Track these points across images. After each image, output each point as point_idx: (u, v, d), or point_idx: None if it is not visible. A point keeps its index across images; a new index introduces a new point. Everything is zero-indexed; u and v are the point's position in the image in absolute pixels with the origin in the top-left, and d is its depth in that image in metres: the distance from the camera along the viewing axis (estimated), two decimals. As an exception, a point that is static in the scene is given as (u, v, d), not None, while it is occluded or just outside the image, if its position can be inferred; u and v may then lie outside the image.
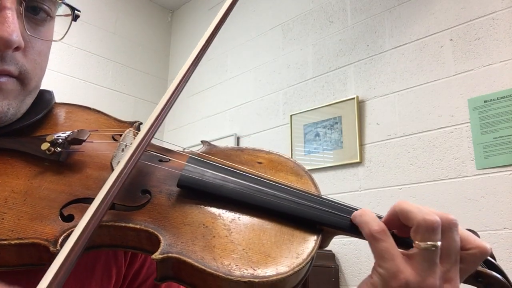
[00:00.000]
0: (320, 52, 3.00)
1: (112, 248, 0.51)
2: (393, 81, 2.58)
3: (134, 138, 0.59)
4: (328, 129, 2.81)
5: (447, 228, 0.45)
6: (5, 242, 0.45)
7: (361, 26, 2.81)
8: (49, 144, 0.54)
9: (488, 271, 0.50)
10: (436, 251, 0.44)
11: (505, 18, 2.22)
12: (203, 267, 0.44)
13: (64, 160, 0.55)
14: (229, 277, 0.43)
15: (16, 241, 0.45)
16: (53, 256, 0.44)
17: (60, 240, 0.46)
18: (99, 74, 3.71)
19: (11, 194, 0.50)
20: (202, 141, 0.64)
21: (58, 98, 0.69)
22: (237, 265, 0.44)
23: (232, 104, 3.51)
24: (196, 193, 0.52)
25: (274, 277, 0.44)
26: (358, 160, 2.60)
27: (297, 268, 0.45)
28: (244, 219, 0.50)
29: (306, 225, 0.50)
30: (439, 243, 0.44)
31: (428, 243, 0.44)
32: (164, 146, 0.62)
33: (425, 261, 0.44)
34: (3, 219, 0.47)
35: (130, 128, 0.60)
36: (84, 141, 0.55)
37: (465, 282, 0.49)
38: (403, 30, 2.60)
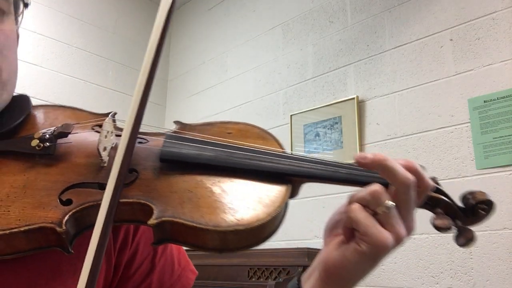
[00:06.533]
0: (320, 52, 3.00)
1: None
2: (393, 81, 2.58)
3: (114, 124, 0.66)
4: (328, 129, 2.81)
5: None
6: (15, 230, 0.51)
7: (361, 26, 2.81)
8: (38, 141, 0.59)
9: (433, 194, 0.57)
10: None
11: (505, 18, 2.22)
12: (194, 224, 0.50)
13: (53, 153, 0.60)
14: (217, 228, 0.50)
15: (25, 228, 0.51)
16: (60, 236, 0.51)
17: (64, 221, 0.51)
18: (99, 74, 3.71)
19: (11, 189, 0.55)
20: (175, 122, 0.69)
21: (58, 98, 0.72)
22: (222, 218, 0.51)
23: (232, 104, 3.51)
24: (177, 164, 0.58)
25: (255, 223, 0.51)
26: (358, 160, 2.60)
27: (273, 214, 0.52)
28: (223, 181, 0.56)
29: (277, 178, 0.56)
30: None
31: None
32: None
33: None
34: (8, 211, 0.52)
35: (109, 117, 0.65)
36: (69, 133, 0.61)
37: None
38: (403, 30, 2.60)
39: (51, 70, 3.32)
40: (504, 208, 2.05)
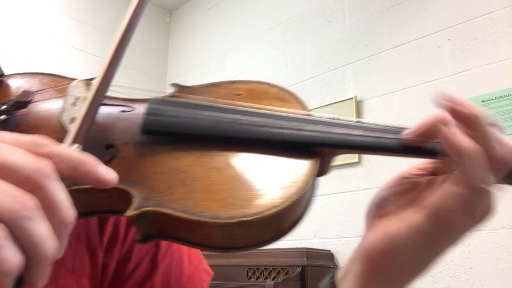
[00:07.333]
0: (318, 52, 3.01)
1: (86, 216, 0.46)
2: (391, 81, 2.58)
3: (86, 89, 0.52)
4: (327, 129, 2.81)
5: None
6: None
7: (360, 26, 2.81)
8: None
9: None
10: None
11: (503, 18, 2.23)
12: (186, 216, 0.38)
13: (12, 129, 0.48)
14: (217, 220, 0.38)
15: None
16: None
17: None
18: (98, 75, 3.71)
19: None
20: (172, 84, 0.56)
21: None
22: (223, 207, 0.39)
23: (231, 104, 3.51)
24: (166, 136, 0.46)
25: (268, 212, 0.38)
26: (356, 160, 2.60)
27: (294, 198, 0.39)
28: (225, 156, 0.44)
29: (298, 150, 0.43)
30: None
31: None
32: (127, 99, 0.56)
33: None
34: None
35: (79, 79, 0.52)
36: (28, 102, 0.50)
37: None
38: (401, 30, 2.60)
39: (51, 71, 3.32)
40: (502, 208, 2.04)
